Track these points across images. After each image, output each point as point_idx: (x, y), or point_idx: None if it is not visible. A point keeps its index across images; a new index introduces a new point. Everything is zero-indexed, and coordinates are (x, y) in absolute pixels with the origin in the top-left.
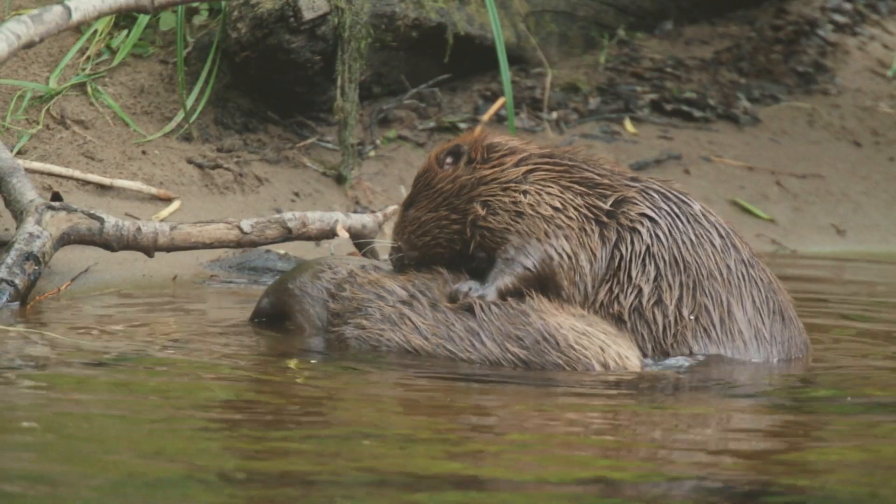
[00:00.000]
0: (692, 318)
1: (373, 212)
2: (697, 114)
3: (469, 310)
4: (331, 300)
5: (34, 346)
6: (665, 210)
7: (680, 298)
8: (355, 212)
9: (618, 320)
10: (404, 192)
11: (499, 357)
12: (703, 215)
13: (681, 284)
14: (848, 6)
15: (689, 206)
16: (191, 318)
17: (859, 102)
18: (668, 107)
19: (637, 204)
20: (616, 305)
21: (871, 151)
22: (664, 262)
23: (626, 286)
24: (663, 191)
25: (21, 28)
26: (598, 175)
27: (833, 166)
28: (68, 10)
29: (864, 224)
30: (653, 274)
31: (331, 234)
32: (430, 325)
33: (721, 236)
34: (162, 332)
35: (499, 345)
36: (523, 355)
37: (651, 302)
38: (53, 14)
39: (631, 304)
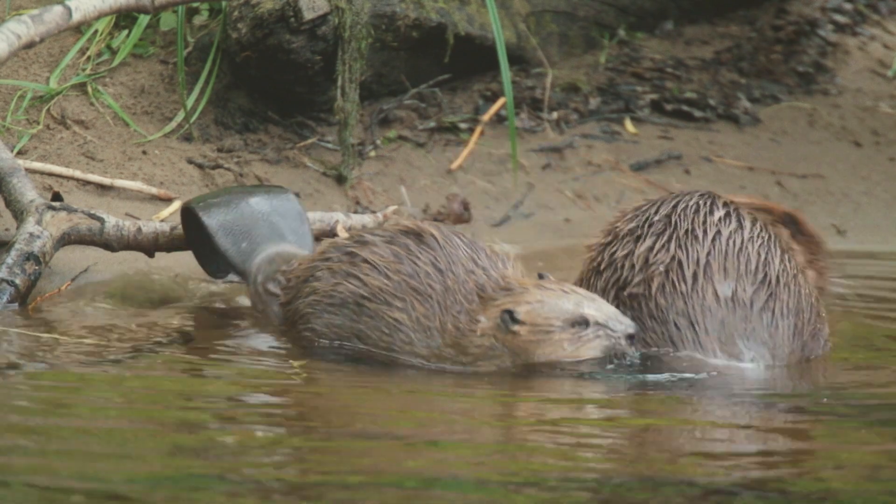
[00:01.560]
0: (662, 269)
1: (373, 212)
2: (698, 114)
3: (432, 242)
4: (282, 294)
5: (35, 347)
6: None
7: (651, 248)
8: (356, 212)
9: (595, 272)
10: (405, 192)
11: (460, 286)
12: (726, 202)
13: (656, 235)
14: (848, 6)
15: (716, 196)
16: (191, 317)
17: (860, 102)
18: (669, 107)
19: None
20: (598, 259)
21: (871, 152)
22: (647, 217)
23: (613, 242)
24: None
25: (21, 28)
26: None
27: (833, 166)
28: (69, 10)
29: (865, 224)
30: (631, 225)
31: (331, 234)
32: (390, 260)
33: (728, 213)
34: (162, 332)
35: (465, 273)
36: (481, 282)
37: (623, 250)
38: (54, 14)
39: (609, 254)
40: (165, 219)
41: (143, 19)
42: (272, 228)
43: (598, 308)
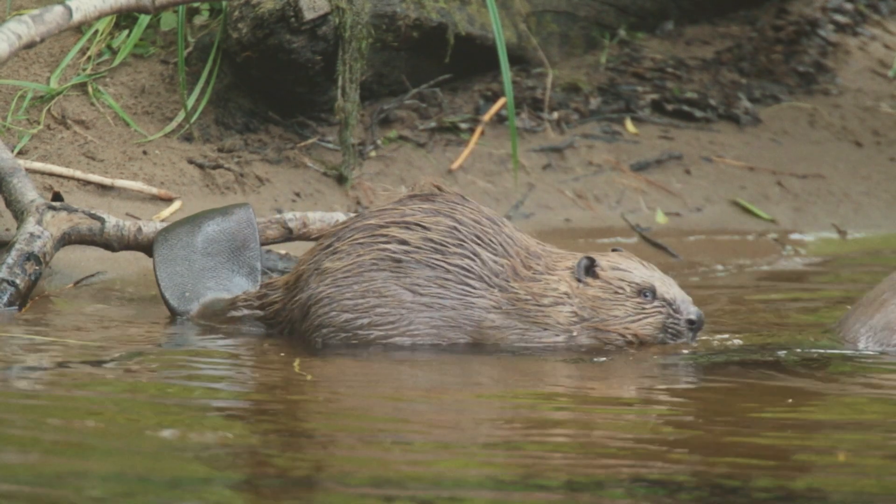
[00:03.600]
0: None
1: None
2: (698, 114)
3: (465, 201)
4: (264, 305)
5: (35, 347)
6: None
7: None
8: (356, 212)
9: None
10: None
11: (524, 237)
12: None
13: None
14: (849, 6)
15: None
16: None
17: (860, 102)
18: (669, 107)
19: None
20: None
21: (872, 152)
22: None
23: None
24: None
25: (22, 28)
26: None
27: (834, 166)
28: (69, 10)
29: (865, 224)
30: None
31: None
32: (429, 215)
33: None
34: (163, 332)
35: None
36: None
37: None
38: (54, 14)
39: None
40: (166, 219)
41: (144, 19)
42: (217, 275)
43: (668, 286)
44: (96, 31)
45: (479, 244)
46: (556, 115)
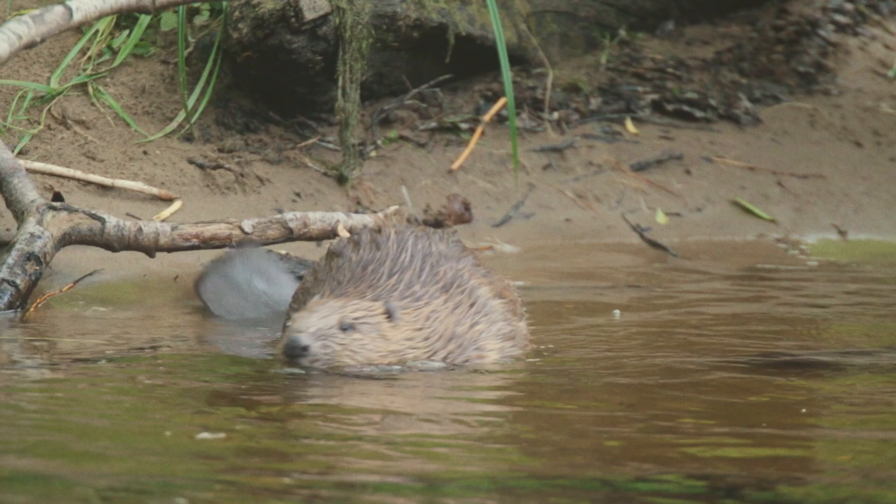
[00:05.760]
0: None
1: (374, 212)
2: (699, 114)
3: (380, 239)
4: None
5: (35, 347)
6: None
7: None
8: (356, 212)
9: None
10: (406, 192)
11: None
12: None
13: None
14: (849, 6)
15: None
16: (193, 318)
17: (861, 103)
18: (670, 107)
19: None
20: None
21: (872, 152)
22: None
23: None
24: None
25: (22, 28)
26: None
27: (834, 167)
28: (69, 11)
29: (866, 224)
30: None
31: (332, 234)
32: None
33: None
34: (163, 333)
35: (391, 270)
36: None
37: None
38: (55, 14)
39: None
40: (166, 219)
41: (144, 19)
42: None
43: (307, 321)
44: (96, 32)
45: (333, 282)
46: (556, 115)
